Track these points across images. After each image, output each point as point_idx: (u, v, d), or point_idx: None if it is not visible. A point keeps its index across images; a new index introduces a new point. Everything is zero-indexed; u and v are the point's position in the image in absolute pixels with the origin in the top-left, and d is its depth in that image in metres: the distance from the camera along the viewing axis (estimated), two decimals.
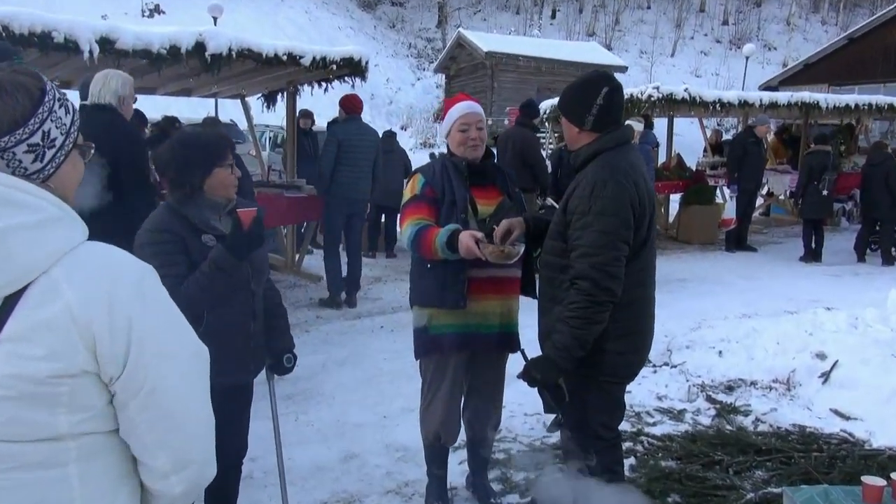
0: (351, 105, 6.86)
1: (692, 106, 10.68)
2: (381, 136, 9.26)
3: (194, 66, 6.11)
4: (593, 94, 2.57)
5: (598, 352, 2.56)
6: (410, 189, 3.08)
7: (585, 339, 2.48)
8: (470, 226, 2.93)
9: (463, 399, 3.25)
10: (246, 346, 2.63)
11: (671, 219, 11.82)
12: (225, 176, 2.52)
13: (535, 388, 2.62)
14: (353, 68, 7.03)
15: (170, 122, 8.13)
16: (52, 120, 1.32)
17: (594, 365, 2.58)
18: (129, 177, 3.81)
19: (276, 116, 9.88)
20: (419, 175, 3.09)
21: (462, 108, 3.06)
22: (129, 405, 1.29)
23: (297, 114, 8.80)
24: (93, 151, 1.41)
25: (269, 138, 16.59)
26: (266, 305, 2.78)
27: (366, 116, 7.53)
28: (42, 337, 1.21)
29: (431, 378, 3.14)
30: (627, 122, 2.83)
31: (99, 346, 1.24)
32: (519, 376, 2.65)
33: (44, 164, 1.31)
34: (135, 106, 6.40)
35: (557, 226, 2.64)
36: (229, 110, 16.51)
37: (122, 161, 3.78)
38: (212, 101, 11.95)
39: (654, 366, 5.21)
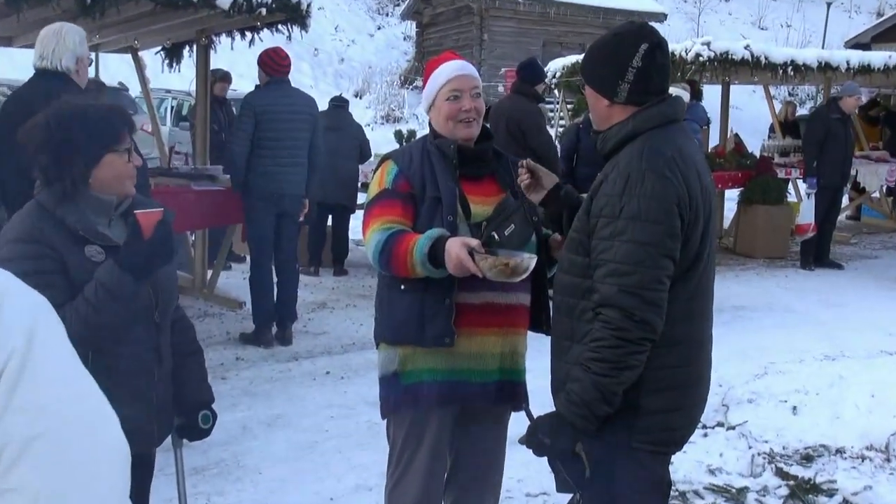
0: (272, 63, 6.83)
1: (755, 69, 10.82)
2: (327, 105, 9.33)
3: (68, 7, 6.11)
4: (628, 55, 2.59)
5: (631, 409, 2.57)
6: (378, 181, 3.10)
7: (612, 390, 2.49)
8: (460, 232, 2.93)
9: (446, 474, 3.24)
10: (148, 400, 2.63)
11: (727, 223, 11.96)
12: (119, 165, 2.52)
13: (545, 458, 2.64)
14: (289, 12, 7.06)
15: None
16: None
17: (625, 427, 2.60)
18: None
19: (181, 78, 9.87)
20: (390, 162, 3.11)
21: (452, 68, 3.09)
22: None
23: (212, 75, 8.78)
24: None
25: (172, 108, 16.58)
26: (175, 344, 2.78)
27: (306, 79, 7.56)
28: None
29: (403, 444, 3.13)
30: (672, 90, 2.87)
31: None
32: (521, 441, 2.66)
33: None
34: None
35: (578, 233, 2.65)
36: (115, 69, 16.43)
37: None
38: (91, 55, 11.91)
39: (705, 427, 5.25)
